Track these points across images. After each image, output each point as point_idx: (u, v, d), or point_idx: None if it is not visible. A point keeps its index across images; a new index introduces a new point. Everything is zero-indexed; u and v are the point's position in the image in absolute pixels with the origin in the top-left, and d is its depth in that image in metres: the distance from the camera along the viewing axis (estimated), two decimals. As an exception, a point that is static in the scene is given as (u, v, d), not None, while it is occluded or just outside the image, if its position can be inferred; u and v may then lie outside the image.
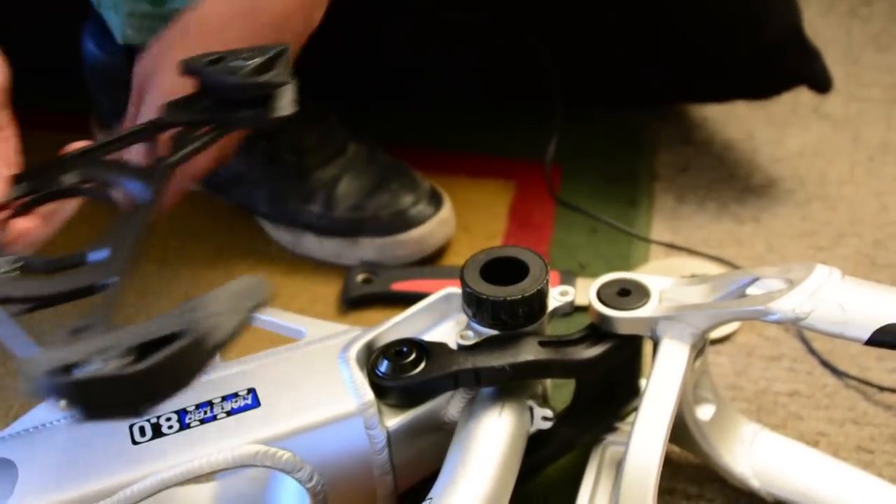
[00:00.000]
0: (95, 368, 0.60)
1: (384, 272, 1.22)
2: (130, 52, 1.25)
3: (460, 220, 1.30)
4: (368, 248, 1.24)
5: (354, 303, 1.21)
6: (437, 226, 1.25)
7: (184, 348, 0.61)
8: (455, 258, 1.27)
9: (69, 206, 0.91)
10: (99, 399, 0.61)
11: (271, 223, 1.29)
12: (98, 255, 0.78)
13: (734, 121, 1.48)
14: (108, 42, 1.27)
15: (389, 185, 1.25)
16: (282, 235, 1.28)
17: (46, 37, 1.47)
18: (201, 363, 0.63)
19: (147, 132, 0.90)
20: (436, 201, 1.26)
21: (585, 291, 0.95)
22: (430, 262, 1.26)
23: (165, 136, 0.90)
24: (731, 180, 1.39)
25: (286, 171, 1.26)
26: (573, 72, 1.39)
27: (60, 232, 0.91)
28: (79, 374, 0.60)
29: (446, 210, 1.26)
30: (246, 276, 0.69)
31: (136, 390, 0.61)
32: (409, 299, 1.15)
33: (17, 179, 0.87)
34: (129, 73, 1.28)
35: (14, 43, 1.16)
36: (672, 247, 1.28)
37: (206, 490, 0.97)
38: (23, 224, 0.87)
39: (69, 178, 0.88)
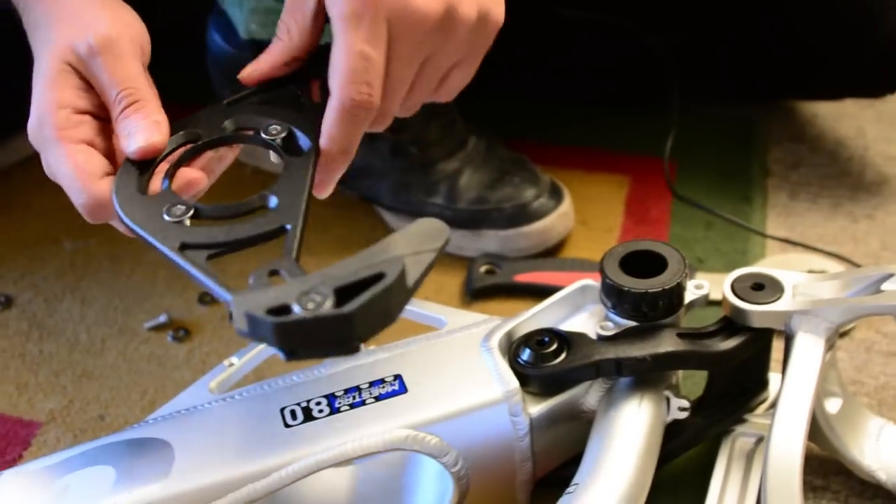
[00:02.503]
0: (305, 310, 0.67)
1: (507, 264, 1.25)
2: (258, 46, 1.28)
3: (577, 214, 1.31)
4: (491, 240, 1.26)
5: (478, 293, 1.23)
6: (559, 219, 1.27)
7: (386, 288, 0.67)
8: (573, 251, 1.29)
9: (231, 154, 0.93)
10: (305, 339, 0.68)
11: (393, 214, 1.31)
12: (271, 201, 0.81)
13: (844, 118, 1.49)
14: (235, 35, 1.30)
15: (511, 179, 1.27)
16: (404, 227, 1.30)
17: (165, 28, 1.50)
18: (401, 302, 0.70)
19: (297, 79, 0.92)
20: (556, 195, 1.28)
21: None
22: (550, 254, 1.28)
23: (314, 84, 0.92)
24: (843, 177, 1.39)
25: (410, 163, 1.28)
26: (688, 68, 1.41)
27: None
28: (291, 315, 0.67)
29: (567, 204, 1.28)
30: (423, 220, 0.74)
31: (342, 331, 0.67)
32: (531, 291, 1.18)
33: (175, 128, 0.89)
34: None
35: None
36: (788, 242, 1.29)
37: (342, 474, 0.99)
38: (189, 173, 0.88)
39: (228, 126, 0.90)
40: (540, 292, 1.02)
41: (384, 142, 1.28)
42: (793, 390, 0.89)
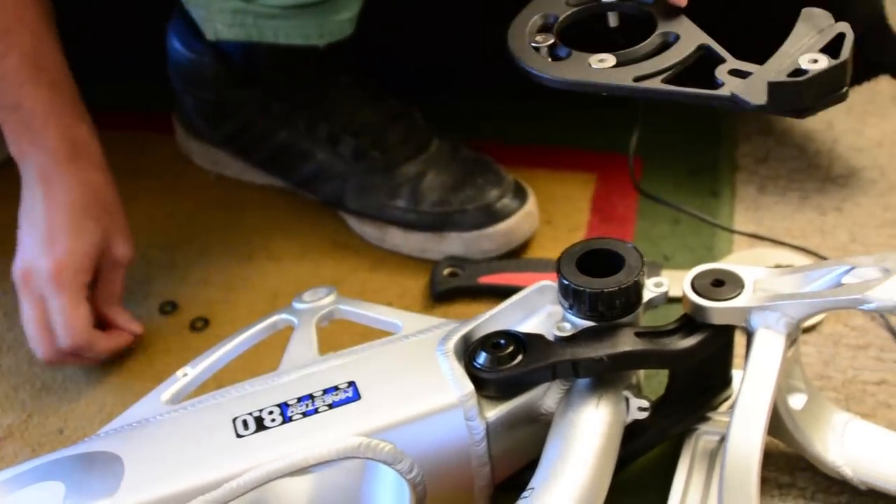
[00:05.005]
0: (813, 68, 0.79)
1: (470, 266, 1.23)
2: (217, 51, 1.28)
3: (543, 214, 1.30)
4: (454, 242, 1.25)
5: (441, 296, 1.22)
6: (523, 219, 1.25)
7: (854, 39, 0.81)
8: (539, 251, 1.28)
9: None
10: (818, 92, 0.79)
11: (356, 218, 1.30)
12: (671, 36, 0.89)
13: (813, 111, 1.48)
14: (194, 41, 1.29)
15: (474, 180, 1.26)
16: (367, 230, 1.29)
17: (126, 36, 1.49)
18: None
19: None
20: (520, 195, 1.26)
21: (671, 283, 0.97)
22: (515, 255, 1.27)
23: None
24: (812, 170, 1.38)
25: (372, 166, 1.27)
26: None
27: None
28: (809, 73, 0.79)
29: (531, 204, 1.27)
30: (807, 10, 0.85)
31: (841, 78, 0.80)
32: (495, 292, 1.17)
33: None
34: (214, 72, 1.30)
35: (96, 43, 1.18)
36: (755, 237, 1.28)
37: (303, 482, 0.98)
38: None
39: None
40: (504, 294, 1.01)
41: (346, 145, 1.27)
42: (752, 387, 0.88)
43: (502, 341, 0.92)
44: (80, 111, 1.13)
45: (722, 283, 0.93)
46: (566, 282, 0.92)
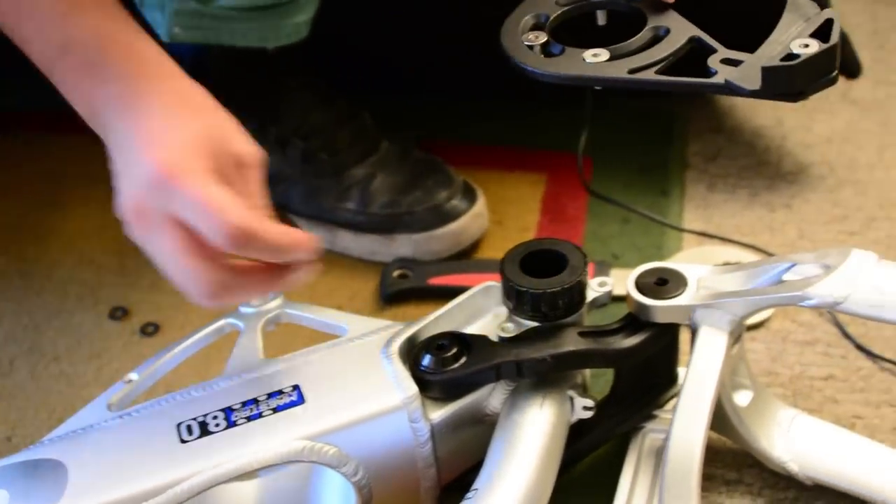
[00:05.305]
0: (805, 51, 0.81)
1: (420, 267, 1.23)
2: (174, 50, 1.27)
3: (493, 214, 1.30)
4: (404, 244, 1.25)
5: (391, 298, 1.22)
6: (472, 220, 1.26)
7: (839, 28, 0.82)
8: (489, 252, 1.28)
9: None
10: (810, 74, 0.81)
11: (306, 221, 1.30)
12: (661, 31, 0.90)
13: (763, 108, 1.48)
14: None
15: (424, 182, 1.26)
16: (317, 233, 1.29)
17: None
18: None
19: None
20: (470, 196, 1.26)
21: (620, 282, 0.97)
22: (465, 255, 1.27)
23: None
24: (762, 167, 1.39)
25: (321, 169, 1.27)
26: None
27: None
28: (801, 56, 0.81)
29: (480, 204, 1.27)
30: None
31: (831, 61, 0.82)
32: (445, 293, 1.16)
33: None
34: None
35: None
36: (705, 235, 1.28)
37: (249, 487, 0.98)
38: None
39: None
40: (454, 295, 1.01)
41: (294, 149, 1.27)
42: (694, 384, 0.89)
43: (446, 343, 0.93)
44: (135, 27, 0.94)
45: (665, 282, 0.94)
46: (509, 283, 0.93)
